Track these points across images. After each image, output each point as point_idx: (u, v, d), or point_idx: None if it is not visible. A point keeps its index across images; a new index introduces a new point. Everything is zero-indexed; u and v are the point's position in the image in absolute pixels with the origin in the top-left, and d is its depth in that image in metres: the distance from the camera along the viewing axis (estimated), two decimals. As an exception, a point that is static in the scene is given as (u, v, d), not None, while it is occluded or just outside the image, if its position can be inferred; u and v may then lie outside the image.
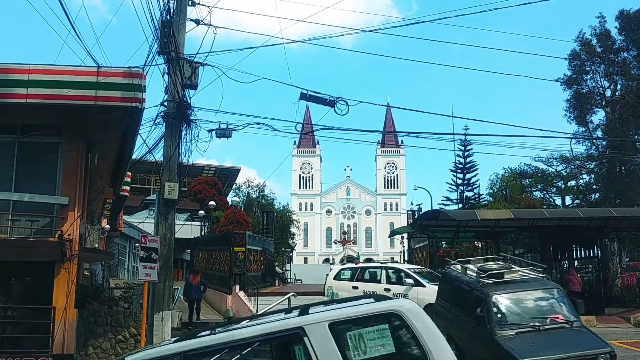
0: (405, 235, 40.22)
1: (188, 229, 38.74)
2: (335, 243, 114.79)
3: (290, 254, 70.46)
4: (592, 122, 42.50)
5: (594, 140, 41.14)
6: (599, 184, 42.92)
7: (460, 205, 50.60)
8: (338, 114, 12.29)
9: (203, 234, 39.63)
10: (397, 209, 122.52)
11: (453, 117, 23.52)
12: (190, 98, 11.59)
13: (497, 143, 22.86)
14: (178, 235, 12.62)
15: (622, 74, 39.92)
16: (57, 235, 11.12)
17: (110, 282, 26.32)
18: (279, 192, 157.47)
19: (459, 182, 53.26)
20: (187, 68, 11.35)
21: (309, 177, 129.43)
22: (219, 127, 12.07)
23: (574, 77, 41.51)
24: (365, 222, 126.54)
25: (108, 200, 21.70)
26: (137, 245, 25.40)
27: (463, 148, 51.18)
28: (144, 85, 10.72)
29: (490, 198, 50.10)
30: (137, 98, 10.60)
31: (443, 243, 34.47)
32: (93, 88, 10.66)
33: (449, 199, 53.75)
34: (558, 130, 36.60)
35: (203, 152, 51.16)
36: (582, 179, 45.83)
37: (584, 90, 41.37)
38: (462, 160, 52.73)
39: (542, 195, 48.04)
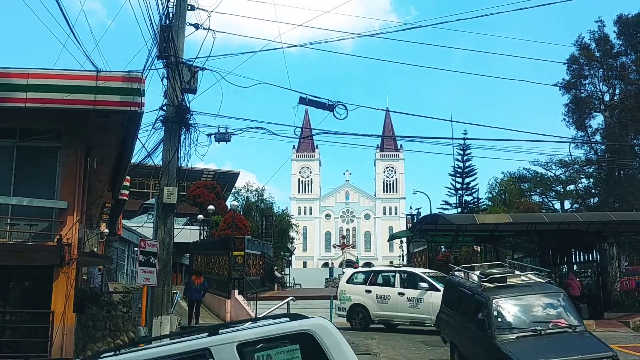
0: (405, 240, 40.21)
1: (187, 233, 38.78)
2: (335, 247, 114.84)
3: (289, 258, 70.44)
4: (590, 126, 42.61)
5: (593, 145, 41.17)
6: (598, 188, 42.94)
7: (460, 210, 50.67)
8: (337, 119, 12.31)
9: (202, 238, 39.59)
10: (396, 213, 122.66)
11: (452, 121, 23.74)
12: (190, 102, 11.63)
13: (496, 147, 22.99)
14: (177, 240, 12.62)
15: (620, 79, 39.99)
16: (55, 240, 11.09)
17: (109, 286, 26.26)
18: (278, 196, 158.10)
19: (458, 186, 53.36)
20: (186, 72, 11.38)
21: (308, 181, 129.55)
22: (218, 131, 12.09)
23: (573, 81, 41.55)
24: (365, 226, 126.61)
25: (107, 205, 21.66)
26: (136, 250, 25.38)
27: (462, 152, 51.28)
28: (143, 90, 10.70)
29: (489, 202, 50.21)
30: (136, 102, 10.59)
31: (442, 247, 34.44)
32: (92, 92, 10.64)
33: (448, 203, 53.89)
34: (557, 135, 36.71)
35: (202, 156, 51.43)
36: (581, 183, 45.90)
37: (583, 95, 41.44)
38: (461, 165, 52.86)
39: (541, 200, 48.13)
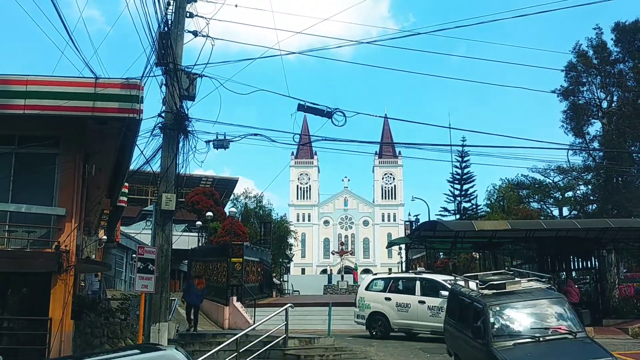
0: (403, 246, 40.22)
1: (185, 240, 38.68)
2: (333, 254, 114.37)
3: (288, 265, 70.16)
4: (588, 133, 42.57)
5: (591, 152, 41.18)
6: (596, 195, 42.92)
7: (458, 216, 50.76)
8: (335, 125, 12.32)
9: (200, 245, 39.57)
10: (394, 220, 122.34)
11: (450, 128, 23.77)
12: (188, 109, 11.66)
13: (494, 154, 23.04)
14: (175, 246, 12.60)
15: (618, 86, 40.03)
16: (53, 246, 11.09)
17: (107, 293, 26.21)
18: (277, 202, 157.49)
19: (457, 193, 53.46)
20: (184, 79, 11.41)
21: (307, 187, 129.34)
22: (217, 138, 12.11)
23: (571, 88, 41.57)
24: (363, 232, 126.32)
25: (105, 211, 21.63)
26: (134, 256, 25.31)
27: (460, 159, 51.41)
28: (142, 97, 10.74)
29: (488, 209, 50.18)
30: (134, 109, 10.62)
31: (441, 254, 34.51)
32: (91, 99, 10.68)
33: (447, 210, 53.98)
34: (555, 142, 36.77)
35: (200, 162, 51.98)
36: (579, 190, 45.84)
37: (581, 102, 41.46)
38: (459, 171, 52.98)
39: (539, 206, 48.07)
